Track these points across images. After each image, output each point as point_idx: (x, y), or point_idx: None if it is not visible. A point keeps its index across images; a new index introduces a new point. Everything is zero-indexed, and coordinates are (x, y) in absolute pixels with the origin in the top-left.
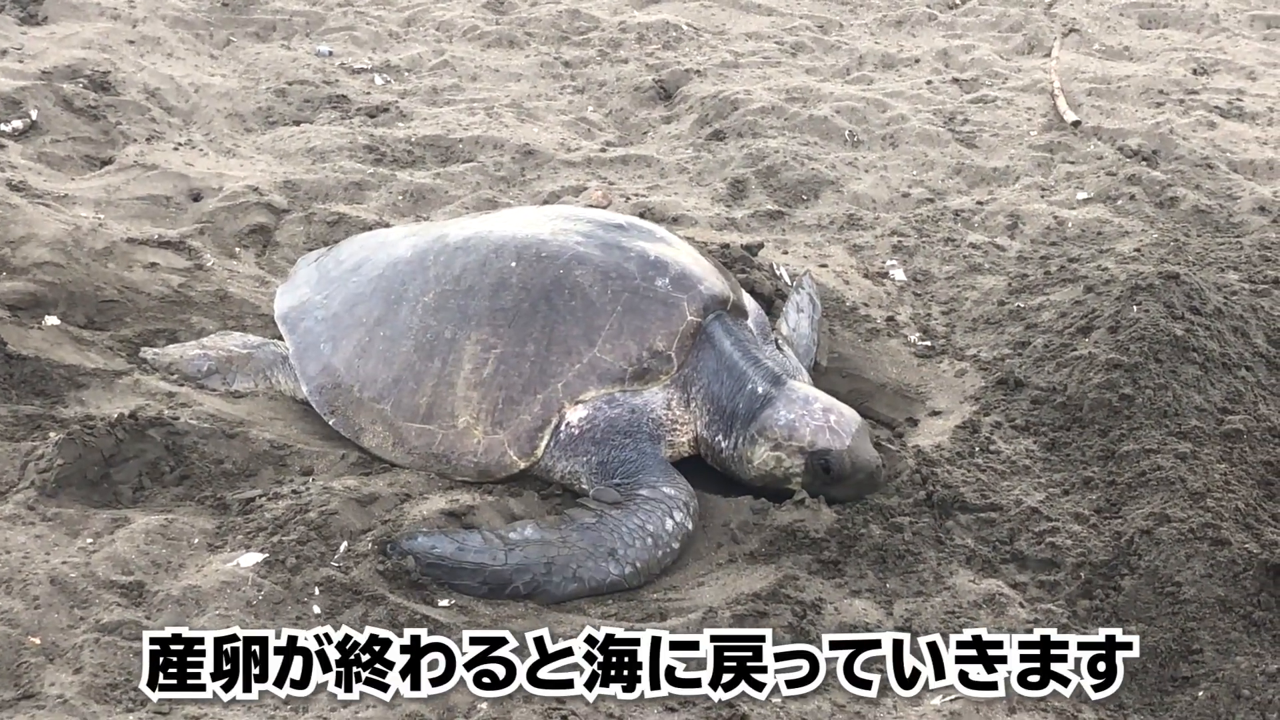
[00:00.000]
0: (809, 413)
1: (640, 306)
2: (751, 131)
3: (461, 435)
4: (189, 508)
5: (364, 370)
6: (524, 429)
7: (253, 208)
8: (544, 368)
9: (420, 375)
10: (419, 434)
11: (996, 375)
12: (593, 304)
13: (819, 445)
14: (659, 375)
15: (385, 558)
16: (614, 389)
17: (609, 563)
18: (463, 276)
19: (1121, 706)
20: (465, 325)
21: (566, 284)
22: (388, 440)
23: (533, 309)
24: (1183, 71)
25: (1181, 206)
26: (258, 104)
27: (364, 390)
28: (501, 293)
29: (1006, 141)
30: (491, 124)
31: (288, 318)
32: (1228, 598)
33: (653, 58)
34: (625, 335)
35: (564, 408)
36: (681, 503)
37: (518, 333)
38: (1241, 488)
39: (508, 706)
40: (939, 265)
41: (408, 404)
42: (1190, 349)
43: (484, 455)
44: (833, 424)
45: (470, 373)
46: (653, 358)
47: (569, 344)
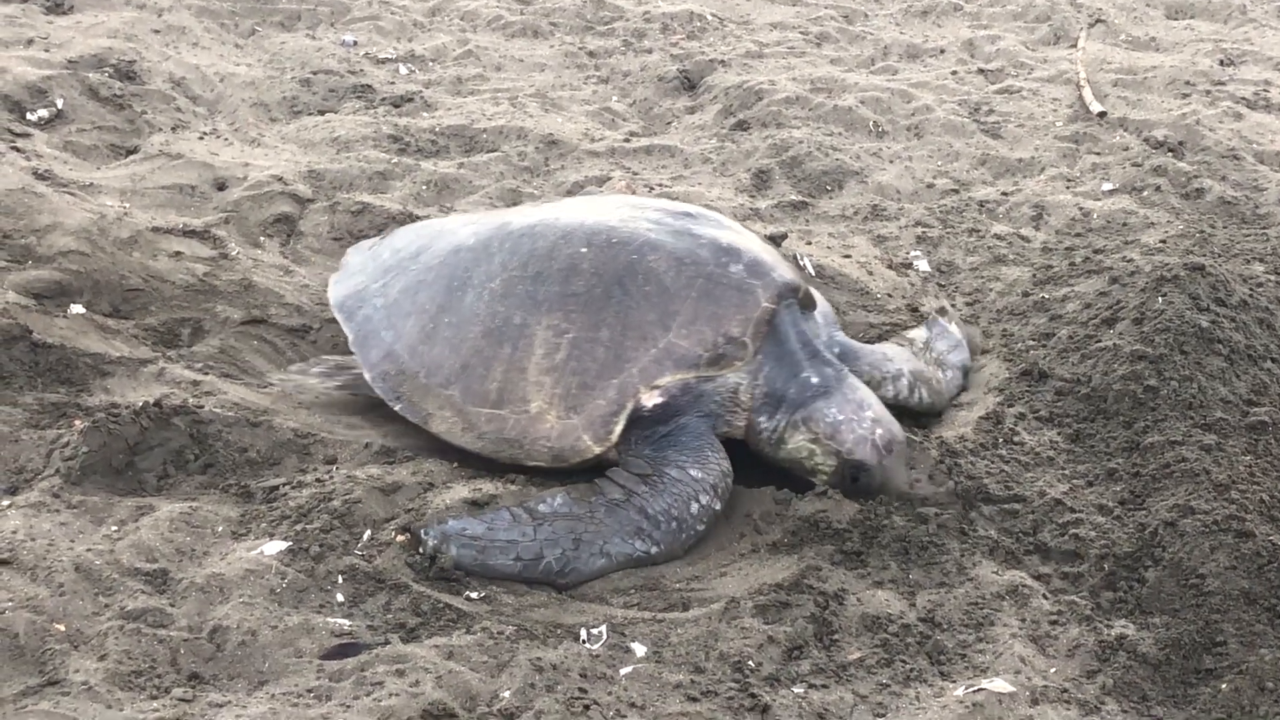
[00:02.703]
0: (858, 419)
1: (715, 292)
2: (776, 122)
3: (534, 420)
4: (213, 496)
5: (429, 356)
6: (599, 413)
7: (277, 197)
8: (618, 352)
9: (490, 361)
10: (489, 419)
11: (1021, 366)
12: (667, 289)
13: (856, 456)
14: (734, 361)
15: (418, 545)
16: (689, 374)
17: (636, 540)
18: (530, 262)
19: (1145, 699)
20: (535, 310)
21: (640, 269)
22: (457, 425)
23: (606, 294)
24: (1209, 62)
25: (1207, 198)
26: (282, 93)
27: (430, 376)
28: (573, 278)
29: (1032, 132)
30: (515, 114)
31: (344, 305)
32: (1252, 590)
33: (677, 48)
34: (701, 320)
35: (639, 392)
36: (708, 485)
37: (591, 317)
38: (1266, 480)
39: (530, 695)
40: (963, 256)
41: (477, 389)
42: (1215, 341)
43: (558, 440)
44: (876, 438)
45: (542, 358)
46: (728, 343)
47: (644, 329)
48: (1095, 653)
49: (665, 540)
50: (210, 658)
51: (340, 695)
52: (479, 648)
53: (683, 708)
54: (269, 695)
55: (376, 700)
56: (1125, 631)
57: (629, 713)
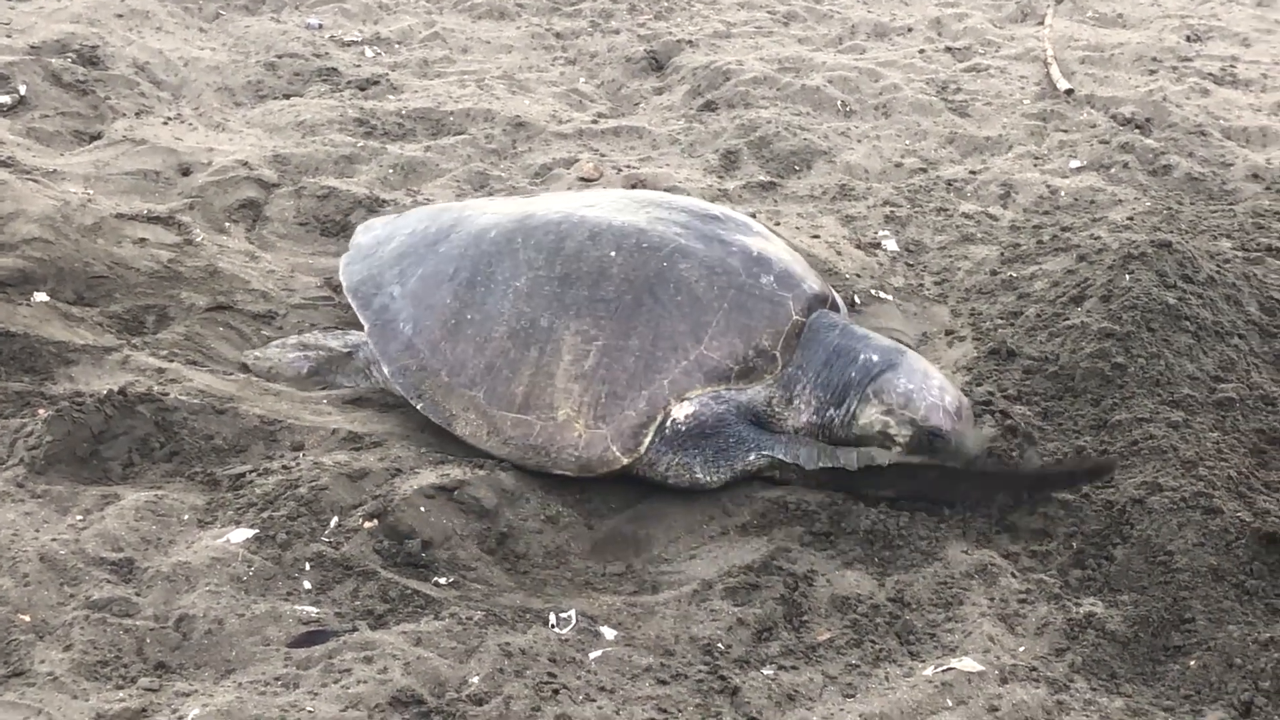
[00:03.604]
0: (927, 387)
1: (747, 304)
2: (744, 102)
3: (561, 428)
4: (179, 484)
5: (452, 354)
6: (628, 424)
7: (242, 182)
8: (649, 362)
9: (516, 364)
10: (515, 424)
11: (989, 345)
12: (699, 300)
13: (932, 422)
14: (764, 374)
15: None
16: (720, 387)
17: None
18: (557, 262)
19: (1114, 676)
20: (563, 314)
21: (671, 278)
22: (482, 429)
23: (636, 301)
24: (1176, 38)
25: (1174, 174)
26: (247, 77)
27: (454, 375)
28: (602, 283)
29: (999, 110)
30: (482, 96)
31: (359, 291)
32: (1220, 566)
33: (644, 28)
34: (732, 333)
35: (670, 404)
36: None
37: (621, 325)
38: (1234, 456)
39: (499, 681)
40: (931, 235)
41: (503, 392)
42: (1183, 317)
43: (585, 449)
44: (948, 404)
45: (570, 364)
46: (758, 356)
47: (675, 339)
48: (1064, 631)
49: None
50: (177, 647)
51: (308, 683)
52: (447, 634)
53: (652, 691)
54: (236, 684)
55: (344, 688)
56: (1094, 609)
57: (598, 696)
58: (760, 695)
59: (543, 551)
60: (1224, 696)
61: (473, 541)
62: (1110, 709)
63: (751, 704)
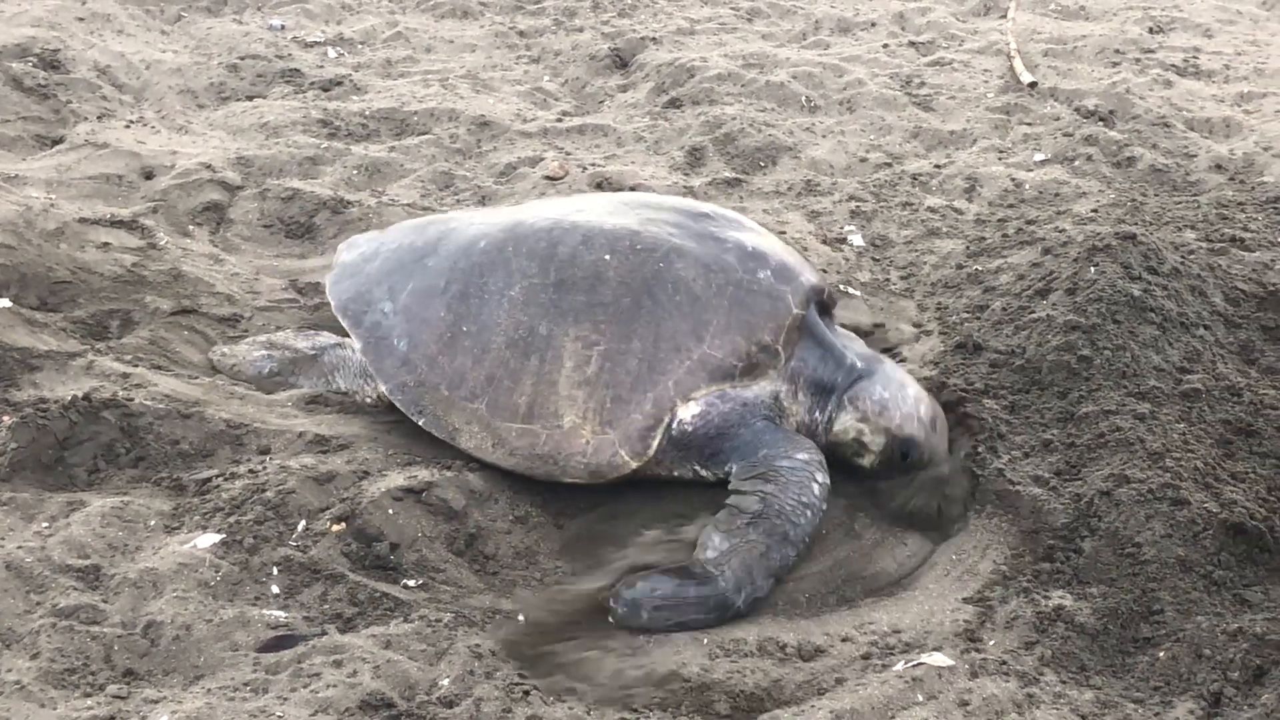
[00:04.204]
0: (903, 396)
1: (746, 300)
2: (708, 99)
3: (568, 436)
4: (145, 489)
5: (450, 367)
6: (635, 428)
7: (206, 185)
8: (652, 365)
9: (517, 373)
10: (520, 434)
11: (955, 339)
12: (698, 298)
13: (906, 432)
14: (767, 369)
15: (612, 609)
16: (725, 385)
17: (788, 548)
18: (550, 268)
19: (1083, 669)
20: (562, 321)
21: (668, 278)
22: (486, 441)
23: (635, 304)
24: (1139, 30)
25: (1139, 166)
26: (210, 79)
27: (454, 389)
28: (599, 287)
29: (963, 104)
30: (446, 96)
31: (348, 309)
32: (1188, 557)
33: (608, 25)
34: (734, 330)
35: (676, 405)
36: (818, 463)
37: (621, 329)
38: (1200, 447)
39: (469, 683)
40: (897, 230)
41: (505, 403)
42: (1148, 309)
43: (593, 456)
44: (922, 414)
45: (573, 370)
46: (761, 352)
47: (677, 340)
48: (1033, 624)
49: (806, 533)
50: (145, 653)
51: (277, 688)
52: (417, 636)
53: (623, 691)
54: (205, 690)
55: (314, 692)
56: (1063, 602)
57: (569, 697)
58: (730, 691)
59: (512, 552)
60: (1193, 687)
61: (441, 543)
62: (1080, 701)
63: (723, 701)
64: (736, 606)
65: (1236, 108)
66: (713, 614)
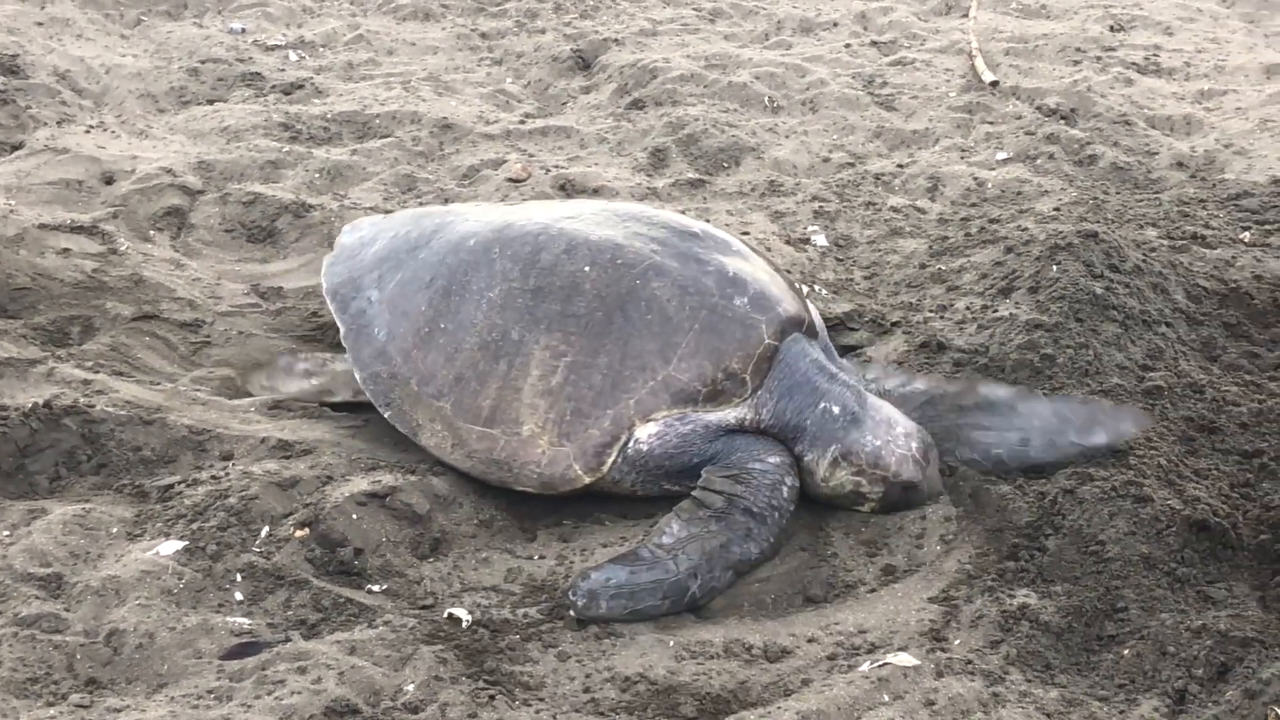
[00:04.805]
0: (893, 439)
1: (718, 326)
2: (671, 100)
3: (525, 444)
4: (107, 497)
5: (423, 363)
6: (591, 443)
7: (167, 189)
8: (615, 381)
9: (484, 376)
10: (480, 438)
11: (920, 338)
12: (670, 319)
13: (904, 476)
14: (733, 397)
15: (568, 605)
16: (686, 409)
17: (750, 544)
18: (531, 274)
19: (1048, 667)
20: (534, 328)
21: (643, 296)
22: (446, 441)
23: (607, 319)
24: (1100, 28)
25: (1100, 164)
26: (170, 84)
27: (423, 385)
28: (574, 298)
29: (925, 104)
30: (408, 98)
31: (338, 293)
32: (1151, 555)
33: (570, 27)
34: (701, 355)
35: (634, 425)
36: (789, 465)
37: (590, 342)
38: (1163, 444)
39: (434, 688)
40: (860, 230)
41: (469, 405)
42: (1110, 307)
43: (547, 467)
44: (915, 453)
45: (538, 379)
46: (727, 379)
47: (643, 359)
48: (998, 623)
49: (772, 534)
50: (108, 662)
51: (241, 695)
52: (381, 642)
53: (588, 697)
54: (168, 698)
55: (278, 699)
56: (1027, 601)
57: (534, 702)
58: (696, 693)
59: (477, 557)
60: (1158, 685)
61: (406, 548)
62: (1045, 700)
63: (689, 703)
64: (692, 593)
65: (1197, 105)
66: (668, 599)
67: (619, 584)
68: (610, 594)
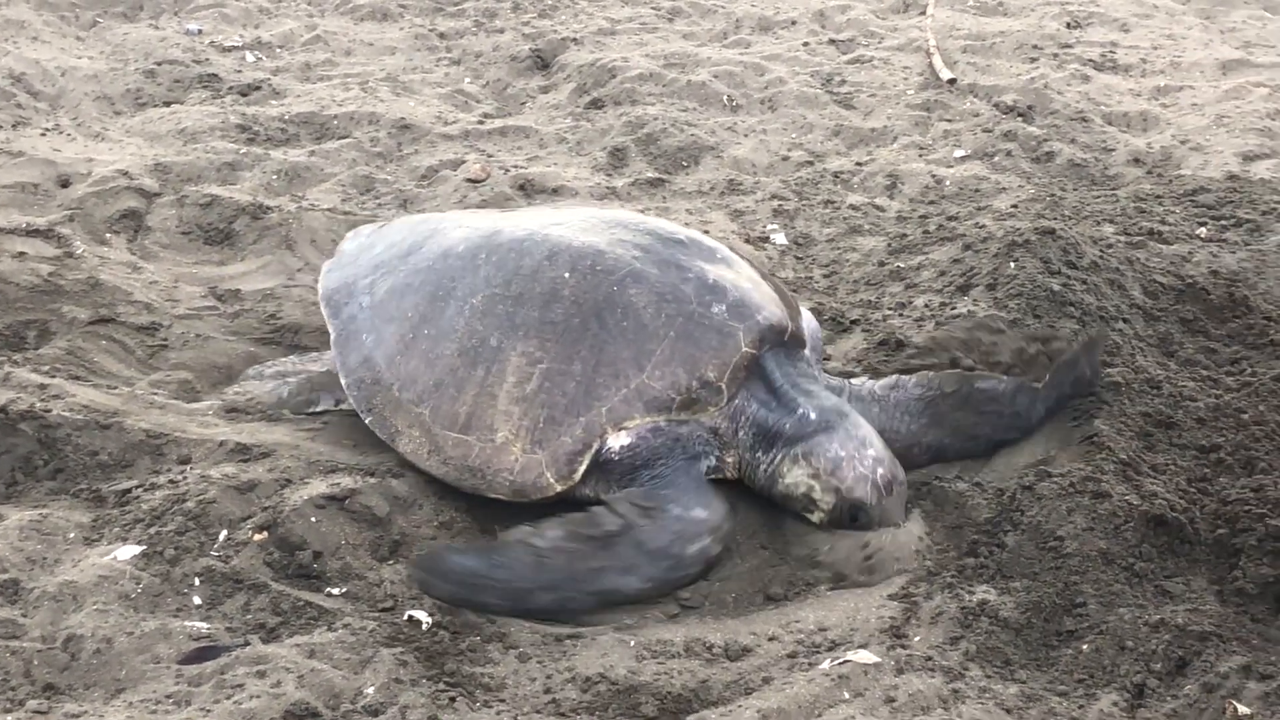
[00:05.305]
0: (860, 457)
1: (694, 333)
2: (630, 99)
3: (499, 451)
4: (64, 502)
5: (405, 369)
6: (563, 451)
7: (123, 192)
8: (589, 389)
9: (462, 382)
10: (456, 444)
11: (878, 336)
12: (645, 326)
13: (855, 495)
14: (707, 406)
15: (414, 573)
16: (659, 418)
17: (629, 577)
18: (513, 281)
19: (1008, 662)
20: (512, 334)
21: (620, 302)
22: (423, 447)
23: (583, 325)
24: (1056, 25)
25: (1057, 161)
26: (126, 86)
27: (404, 391)
28: (553, 304)
29: (884, 102)
30: (366, 99)
31: (332, 299)
32: (1109, 550)
33: (529, 26)
34: (676, 363)
35: (606, 433)
36: (710, 527)
37: (565, 349)
38: (1121, 440)
39: (394, 691)
40: (819, 228)
41: (447, 411)
42: (1067, 303)
43: (520, 474)
44: (878, 478)
45: (513, 386)
46: (703, 388)
47: (617, 366)
48: (958, 619)
49: (656, 579)
50: (65, 667)
51: (200, 700)
52: (341, 645)
53: (549, 698)
54: (127, 703)
55: (237, 703)
56: (987, 597)
57: (495, 703)
58: (657, 692)
59: None
60: (1116, 679)
61: (365, 550)
62: (1005, 695)
63: (650, 703)
64: (541, 605)
65: (1153, 101)
66: (507, 602)
67: (469, 572)
68: (456, 579)
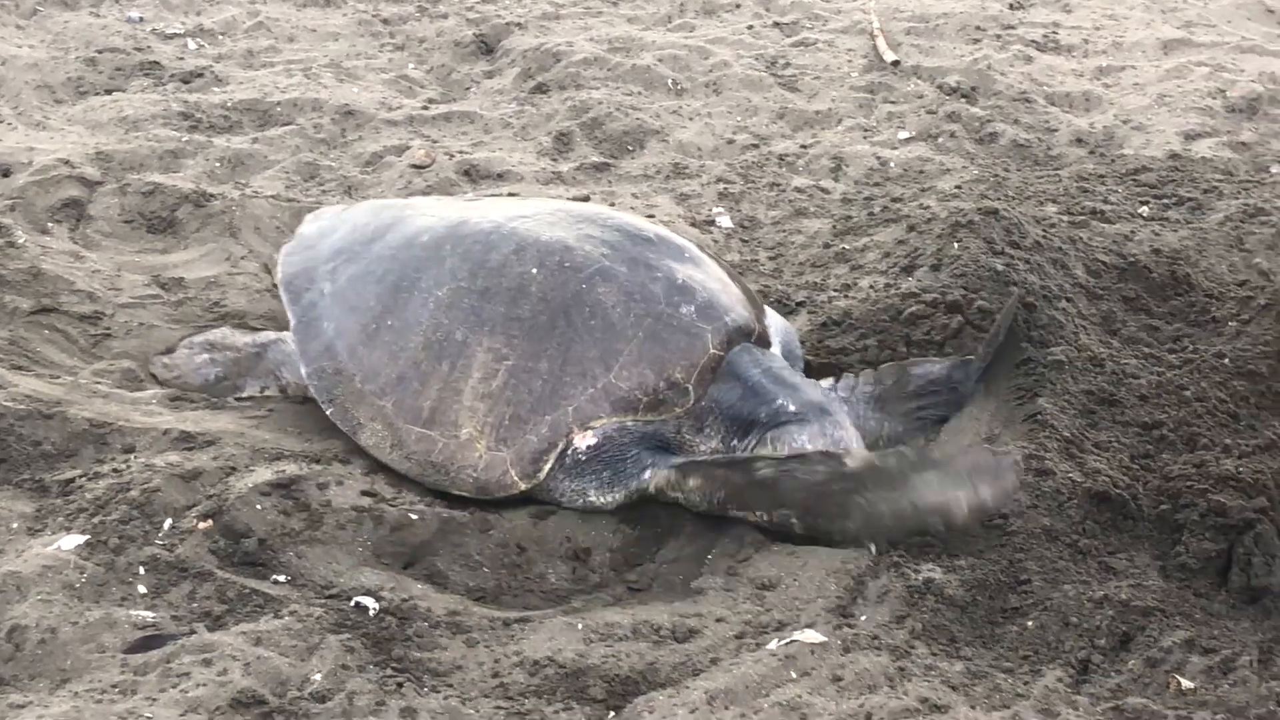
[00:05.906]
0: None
1: (662, 334)
2: (575, 83)
3: (463, 447)
4: (6, 492)
5: (368, 360)
6: (528, 450)
7: (64, 181)
8: (556, 388)
9: (426, 376)
10: (419, 439)
11: (823, 318)
12: (613, 326)
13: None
14: (674, 407)
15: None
16: (626, 418)
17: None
18: (479, 275)
19: (953, 640)
20: (478, 329)
21: (588, 300)
22: (385, 441)
23: (550, 323)
24: (999, 7)
25: (1000, 142)
26: (67, 74)
27: (366, 382)
28: (520, 300)
29: (828, 84)
30: (310, 85)
31: (292, 284)
32: (1053, 527)
33: (473, 11)
34: (644, 363)
35: (572, 432)
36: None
37: (532, 346)
38: (1064, 417)
39: (341, 677)
40: (765, 211)
41: (410, 405)
42: (1011, 283)
43: (484, 472)
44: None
45: (479, 382)
46: (670, 389)
47: (584, 365)
48: (904, 598)
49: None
50: (9, 659)
51: (146, 689)
52: (287, 632)
53: (496, 682)
54: (72, 693)
55: (184, 692)
56: (932, 575)
57: (443, 688)
58: (606, 675)
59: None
60: (1061, 655)
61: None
62: (951, 673)
63: (598, 685)
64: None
65: (1096, 81)
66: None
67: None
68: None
